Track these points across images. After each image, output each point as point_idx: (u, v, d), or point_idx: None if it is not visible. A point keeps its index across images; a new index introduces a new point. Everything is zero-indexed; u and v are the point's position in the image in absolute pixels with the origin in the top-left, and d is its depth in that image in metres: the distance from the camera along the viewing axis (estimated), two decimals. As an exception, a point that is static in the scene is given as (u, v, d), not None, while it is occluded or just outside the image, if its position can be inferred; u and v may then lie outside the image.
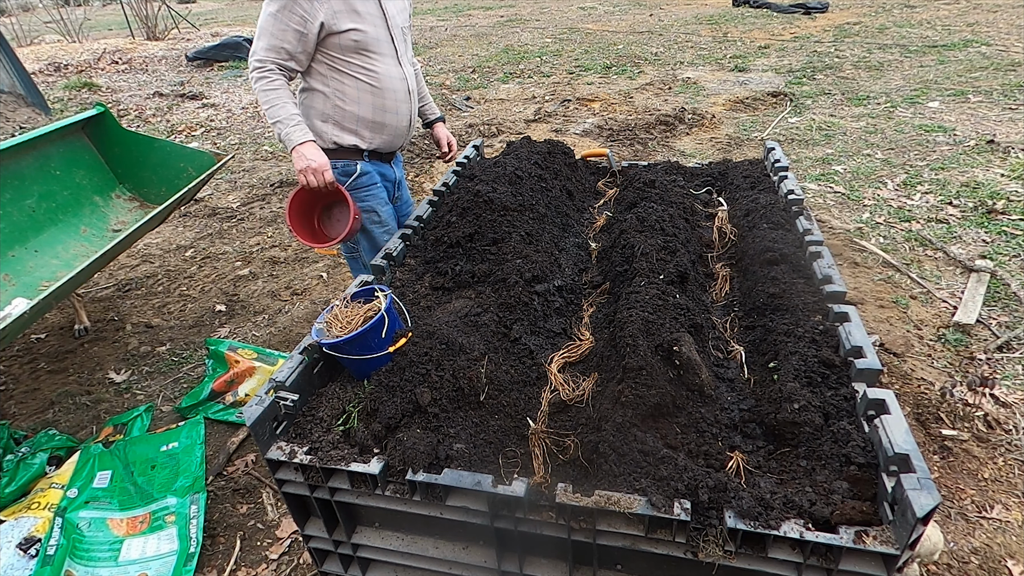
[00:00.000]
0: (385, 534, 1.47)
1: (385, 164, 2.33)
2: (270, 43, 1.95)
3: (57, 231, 3.23)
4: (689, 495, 1.15)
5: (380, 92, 2.11)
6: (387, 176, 2.36)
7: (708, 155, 5.14)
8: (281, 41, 1.95)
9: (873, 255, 3.49)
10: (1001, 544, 1.93)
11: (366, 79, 2.08)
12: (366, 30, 2.01)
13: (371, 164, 2.25)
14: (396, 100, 2.16)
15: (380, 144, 2.22)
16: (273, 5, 1.91)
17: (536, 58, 9.22)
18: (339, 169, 2.17)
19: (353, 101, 2.10)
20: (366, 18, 2.01)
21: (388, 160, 2.34)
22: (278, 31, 1.93)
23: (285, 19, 1.92)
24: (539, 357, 1.66)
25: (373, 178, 2.26)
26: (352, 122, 2.13)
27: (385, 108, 2.15)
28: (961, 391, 2.42)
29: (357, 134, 2.16)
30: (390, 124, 2.19)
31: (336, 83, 2.07)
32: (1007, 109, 5.43)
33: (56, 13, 13.26)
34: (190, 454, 2.37)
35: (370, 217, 2.28)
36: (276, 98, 1.99)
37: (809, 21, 10.33)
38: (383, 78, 2.10)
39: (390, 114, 2.17)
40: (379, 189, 2.30)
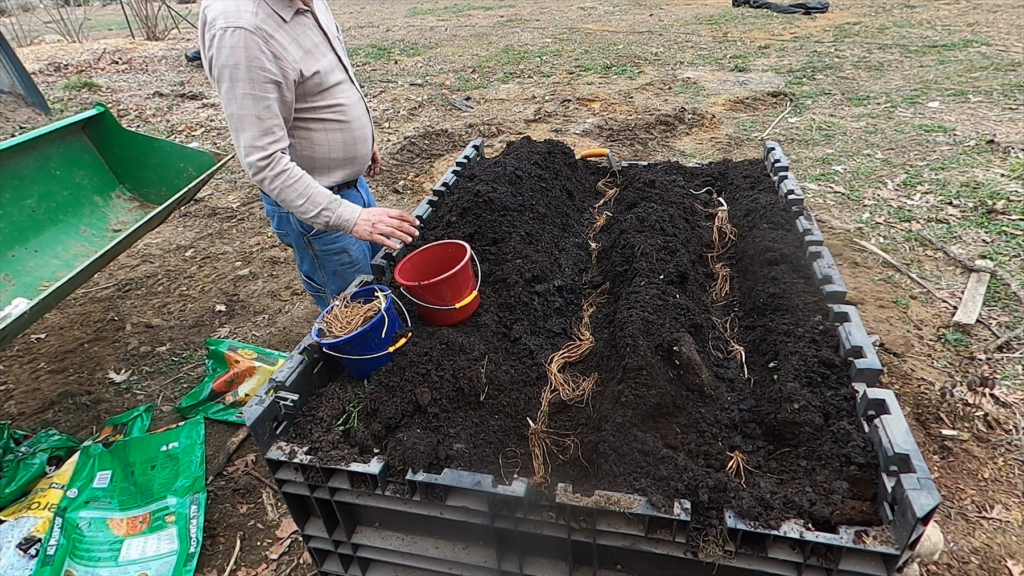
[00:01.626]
0: (385, 534, 1.47)
1: (353, 192, 2.11)
2: (262, 129, 1.65)
3: (57, 231, 3.23)
4: (689, 495, 1.15)
5: (348, 126, 1.90)
6: (357, 203, 2.06)
7: (708, 155, 5.14)
8: (271, 120, 1.66)
9: (873, 255, 3.49)
10: (1001, 544, 1.93)
11: (333, 117, 1.86)
12: (322, 65, 1.76)
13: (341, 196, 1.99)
14: (362, 125, 1.97)
15: (349, 176, 2.03)
16: (240, 86, 1.59)
17: (536, 58, 9.22)
18: None
19: (323, 147, 1.88)
20: (315, 51, 1.75)
21: (354, 185, 2.12)
22: (262, 111, 1.63)
23: (261, 93, 1.62)
24: (539, 357, 1.66)
25: None
26: (323, 166, 1.92)
27: (355, 140, 1.95)
28: (961, 391, 2.42)
29: (329, 176, 1.95)
30: (361, 154, 2.01)
31: (302, 135, 1.83)
32: (1007, 109, 5.43)
33: (56, 13, 13.26)
34: (190, 454, 2.37)
35: (340, 259, 2.07)
36: (307, 186, 1.75)
37: (809, 21, 10.33)
38: (348, 108, 1.89)
39: (360, 144, 1.98)
40: None
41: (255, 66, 1.58)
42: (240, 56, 1.56)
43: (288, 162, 1.73)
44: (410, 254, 1.82)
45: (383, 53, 10.27)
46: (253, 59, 1.57)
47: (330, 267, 2.08)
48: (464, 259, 1.65)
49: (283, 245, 4.23)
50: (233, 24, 1.55)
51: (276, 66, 1.62)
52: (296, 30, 1.69)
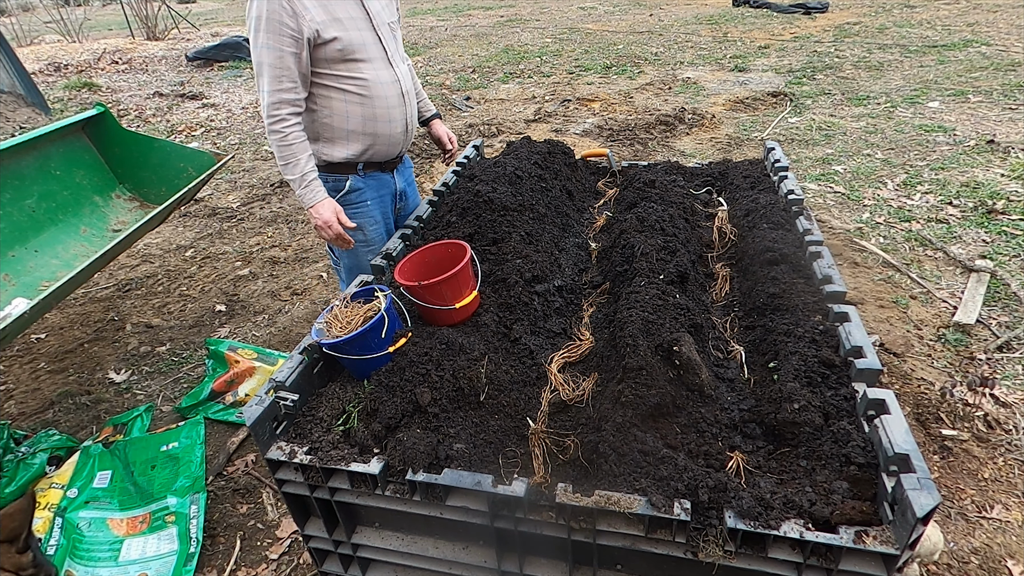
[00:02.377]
0: (385, 534, 1.47)
1: (385, 174, 2.19)
2: (274, 75, 1.82)
3: (57, 231, 3.23)
4: (689, 495, 1.15)
5: (370, 101, 1.98)
6: (386, 187, 2.21)
7: (708, 155, 5.14)
8: (283, 70, 1.82)
9: (873, 255, 3.49)
10: (1001, 544, 1.93)
11: (354, 89, 1.95)
12: (350, 35, 1.88)
13: (366, 178, 2.13)
14: (388, 107, 2.02)
15: (374, 155, 2.09)
16: (261, 36, 1.78)
17: (536, 58, 9.22)
18: (329, 185, 2.06)
19: (341, 115, 1.98)
20: (348, 23, 1.88)
21: (389, 169, 2.20)
22: (276, 60, 1.80)
23: (278, 45, 1.79)
24: (539, 357, 1.66)
25: (363, 195, 2.14)
26: (342, 136, 2.01)
27: (376, 117, 2.01)
28: (961, 391, 2.42)
29: (348, 147, 2.04)
30: (382, 133, 2.05)
31: (322, 99, 1.95)
32: (1007, 109, 5.43)
33: (56, 13, 13.26)
34: (190, 454, 2.37)
35: (354, 235, 2.11)
36: (290, 155, 1.90)
37: (809, 21, 10.33)
38: (372, 85, 1.97)
39: (381, 123, 2.03)
40: (370, 206, 2.17)
41: (274, 19, 1.75)
42: (263, 8, 1.75)
43: (294, 124, 1.88)
44: (410, 254, 1.82)
45: (383, 53, 10.26)
46: (273, 12, 1.75)
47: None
48: (464, 259, 1.65)
49: (283, 245, 4.23)
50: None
51: (295, 22, 1.77)
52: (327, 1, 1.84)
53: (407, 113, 2.10)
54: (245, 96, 8.23)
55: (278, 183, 5.27)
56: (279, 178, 5.38)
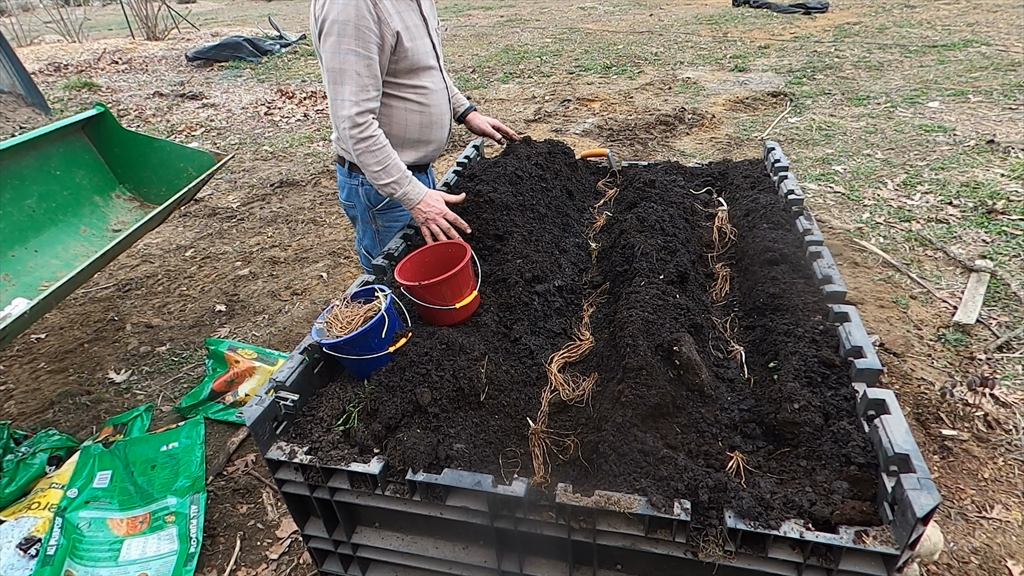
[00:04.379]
0: (385, 534, 1.47)
1: (421, 175, 2.20)
2: (360, 84, 1.76)
3: (57, 231, 3.23)
4: (689, 495, 1.15)
5: (427, 109, 1.99)
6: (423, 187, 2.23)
7: (708, 155, 5.14)
8: (370, 78, 1.77)
9: (873, 255, 3.49)
10: (1001, 544, 1.93)
11: (415, 97, 1.95)
12: (416, 45, 1.87)
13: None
14: (441, 113, 2.06)
15: (421, 159, 2.12)
16: (346, 42, 1.71)
17: (536, 58, 9.22)
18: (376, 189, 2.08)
19: (400, 124, 1.98)
20: (415, 31, 1.87)
21: (424, 171, 2.23)
22: (364, 68, 1.75)
23: (366, 52, 1.73)
24: (539, 357, 1.66)
25: None
26: (397, 144, 1.98)
27: (432, 124, 2.04)
28: (961, 391, 2.42)
29: (403, 155, 2.00)
30: (436, 139, 2.09)
31: (384, 107, 1.92)
32: (1007, 109, 5.43)
33: (56, 13, 13.26)
34: (190, 454, 2.37)
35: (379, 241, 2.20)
36: (386, 159, 1.84)
37: (809, 21, 10.33)
38: (431, 93, 1.98)
39: (436, 129, 2.07)
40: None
41: (362, 25, 1.70)
42: (351, 13, 1.69)
43: (377, 128, 1.83)
44: (411, 254, 1.82)
45: (383, 53, 10.26)
46: (361, 17, 1.70)
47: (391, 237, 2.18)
48: (464, 259, 1.65)
49: (283, 245, 4.23)
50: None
51: (379, 28, 1.75)
52: (400, 6, 1.82)
53: (448, 123, 2.15)
54: (245, 96, 8.23)
55: (278, 183, 5.27)
56: (279, 178, 5.38)
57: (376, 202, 2.12)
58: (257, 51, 10.57)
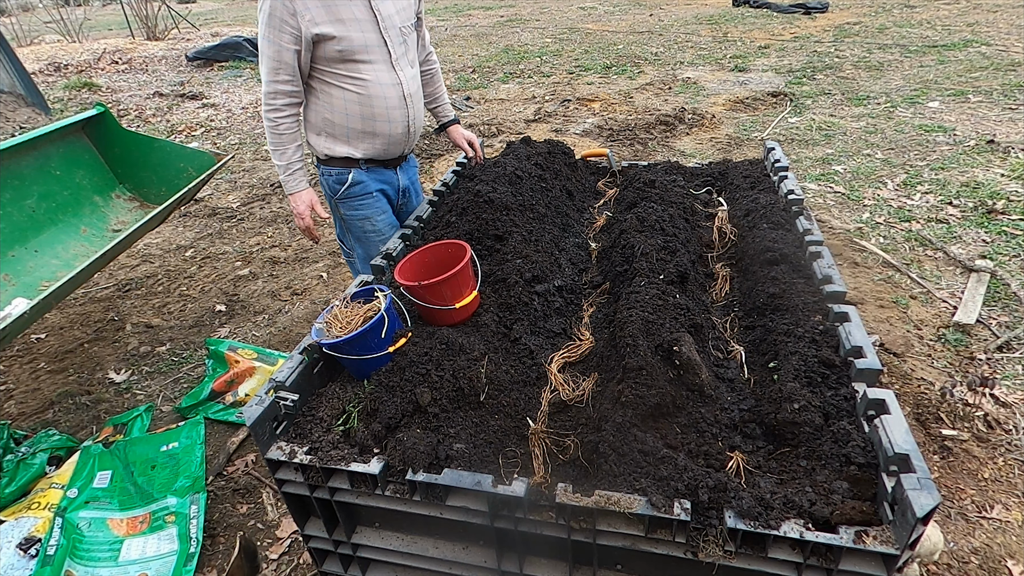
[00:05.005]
0: (385, 534, 1.47)
1: (388, 171, 2.25)
2: (271, 67, 1.93)
3: (57, 231, 3.23)
4: (689, 495, 1.15)
5: (368, 100, 2.03)
6: (389, 183, 2.28)
7: (708, 155, 5.14)
8: (280, 63, 1.92)
9: (873, 255, 3.49)
10: (1001, 544, 1.93)
11: (353, 88, 2.01)
12: (351, 37, 1.93)
13: (369, 172, 2.19)
14: (387, 107, 2.07)
15: (375, 152, 2.15)
16: (264, 28, 1.89)
17: (536, 58, 9.22)
18: (333, 178, 2.17)
19: (340, 112, 2.05)
20: (351, 24, 1.93)
21: (392, 166, 2.26)
22: (275, 53, 1.91)
23: (278, 40, 1.89)
24: (539, 357, 1.66)
25: (367, 187, 2.20)
26: (342, 133, 2.09)
27: (375, 117, 2.07)
28: (961, 391, 2.42)
29: (349, 144, 2.11)
30: (381, 132, 2.11)
31: (324, 95, 2.03)
32: (1007, 109, 5.43)
33: (56, 13, 13.26)
34: (190, 454, 2.37)
35: (363, 225, 2.24)
36: (279, 143, 2.04)
37: (809, 21, 10.33)
38: (372, 85, 2.02)
39: (380, 122, 2.08)
40: (375, 199, 2.23)
41: (275, 15, 1.85)
42: (267, 4, 1.86)
43: (287, 115, 2.01)
44: (410, 254, 1.82)
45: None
46: (275, 8, 1.85)
47: (355, 232, 2.28)
48: (464, 259, 1.65)
49: (283, 245, 4.23)
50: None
51: (295, 20, 1.86)
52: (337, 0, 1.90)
53: (409, 116, 2.14)
54: (245, 96, 8.23)
55: (278, 183, 5.27)
56: (279, 178, 5.37)
57: (334, 191, 2.19)
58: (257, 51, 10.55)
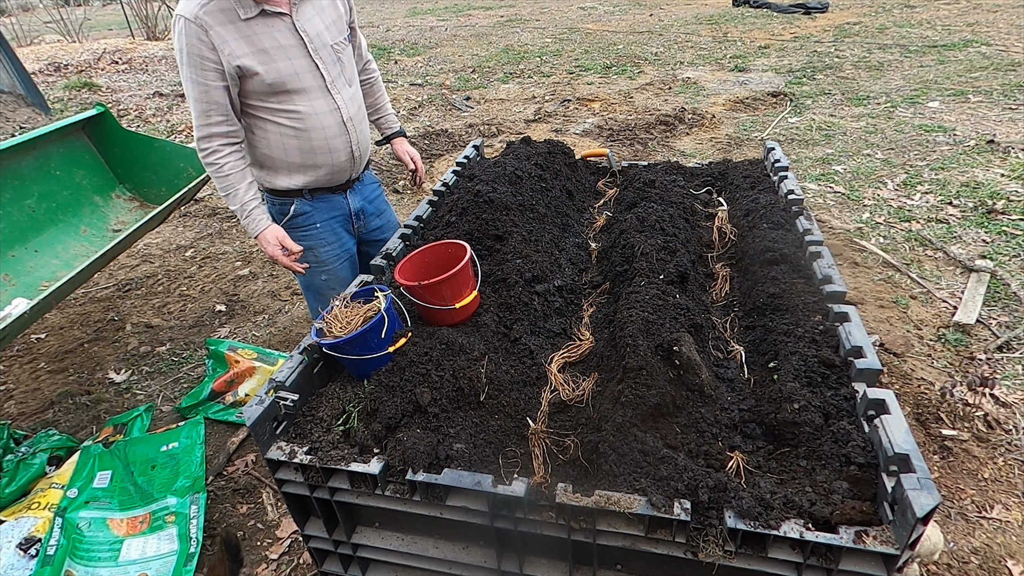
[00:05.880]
0: (385, 534, 1.47)
1: (336, 196, 2.09)
2: (201, 109, 1.77)
3: (57, 231, 3.23)
4: (689, 495, 1.15)
5: (306, 133, 1.88)
6: (337, 209, 2.11)
7: (708, 155, 5.14)
8: (210, 104, 1.76)
9: (873, 255, 3.49)
10: (1001, 544, 1.93)
11: (287, 122, 1.86)
12: (278, 68, 1.77)
13: (314, 202, 2.04)
14: (326, 137, 1.92)
15: (319, 182, 2.01)
16: (185, 70, 1.73)
17: (536, 58, 9.22)
18: (276, 208, 2.04)
19: (278, 147, 1.90)
20: (275, 53, 1.76)
21: (341, 191, 2.09)
22: (201, 94, 1.74)
23: (203, 79, 1.72)
24: (539, 357, 1.66)
25: (311, 218, 2.06)
26: (282, 166, 1.95)
27: (314, 150, 1.92)
28: (961, 391, 2.42)
29: (289, 176, 1.97)
30: (323, 164, 1.96)
31: (260, 131, 1.89)
32: (1007, 109, 5.43)
33: (56, 13, 13.26)
34: (190, 454, 2.37)
35: (306, 256, 2.07)
36: (227, 186, 1.86)
37: (809, 21, 10.33)
38: (307, 117, 1.86)
39: (321, 154, 1.94)
40: (319, 228, 2.09)
41: (194, 53, 1.69)
42: (183, 43, 1.70)
43: (228, 154, 1.83)
44: (410, 254, 1.82)
45: (383, 53, 10.27)
46: (192, 46, 1.68)
47: (301, 261, 2.08)
48: (464, 259, 1.65)
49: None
50: (179, 12, 1.70)
51: (215, 55, 1.69)
52: (256, 28, 1.73)
53: (351, 141, 1.99)
54: (245, 96, 8.22)
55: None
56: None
57: (279, 220, 2.03)
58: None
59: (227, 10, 1.68)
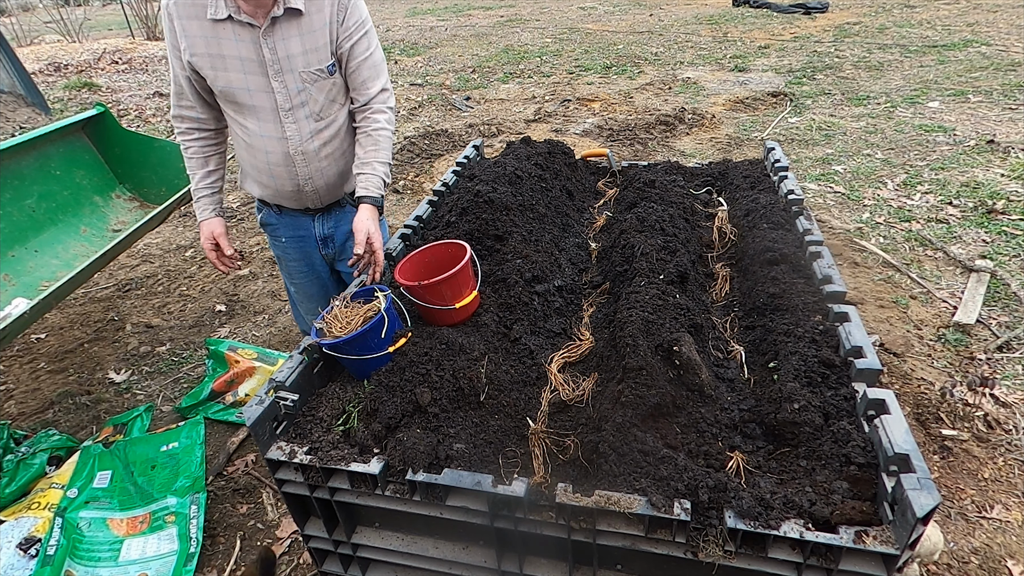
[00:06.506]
0: (385, 534, 1.47)
1: (304, 218, 1.99)
2: (175, 90, 1.78)
3: (57, 231, 3.23)
4: (689, 495, 1.15)
5: (252, 151, 1.81)
6: (304, 229, 2.01)
7: (708, 155, 5.14)
8: (179, 87, 1.76)
9: (873, 255, 3.49)
10: (1001, 544, 1.93)
11: (239, 132, 1.80)
12: (229, 77, 1.67)
13: (281, 216, 1.99)
14: (268, 163, 1.80)
15: (275, 197, 1.92)
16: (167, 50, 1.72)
17: (536, 58, 9.22)
18: (256, 207, 2.05)
19: (238, 154, 1.88)
20: (231, 63, 1.65)
21: (311, 214, 1.98)
22: (173, 77, 1.74)
23: (173, 63, 1.71)
24: (539, 357, 1.66)
25: (277, 231, 2.03)
26: (246, 174, 1.94)
27: (258, 169, 1.84)
28: (961, 391, 2.42)
29: (253, 186, 1.94)
30: (272, 186, 1.88)
31: (231, 130, 1.86)
32: (1007, 109, 5.43)
33: (56, 13, 13.25)
34: (190, 454, 2.37)
35: (280, 264, 2.11)
36: (189, 169, 1.87)
37: (809, 21, 10.33)
38: (253, 136, 1.77)
39: (266, 176, 1.85)
40: (285, 243, 2.05)
41: (167, 35, 1.69)
42: (164, 25, 1.70)
43: (193, 139, 1.86)
44: (410, 254, 1.82)
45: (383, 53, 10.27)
46: (167, 27, 1.68)
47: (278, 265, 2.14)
48: (464, 259, 1.65)
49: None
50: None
51: (179, 44, 1.67)
52: (221, 32, 1.63)
53: (298, 175, 1.83)
54: (245, 96, 8.22)
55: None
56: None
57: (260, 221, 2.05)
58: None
59: (198, 5, 1.62)
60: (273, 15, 1.60)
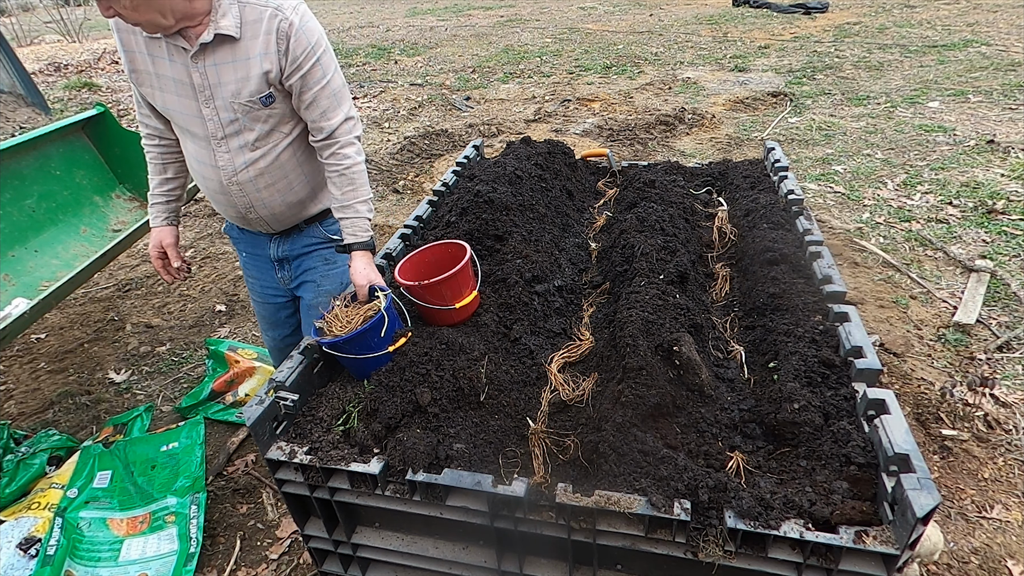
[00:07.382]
0: (385, 534, 1.47)
1: (261, 237, 1.87)
2: (136, 96, 1.70)
3: (57, 231, 3.23)
4: (689, 495, 1.15)
5: (195, 173, 1.74)
6: (260, 248, 1.90)
7: (708, 155, 5.14)
8: (137, 96, 1.68)
9: (873, 255, 3.49)
10: (1001, 544, 1.93)
11: (185, 152, 1.73)
12: (165, 99, 1.58)
13: (241, 232, 1.90)
14: (208, 190, 1.72)
15: (227, 216, 1.84)
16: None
17: (536, 58, 9.22)
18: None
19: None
20: (167, 84, 1.55)
21: (268, 234, 1.85)
22: (132, 87, 1.66)
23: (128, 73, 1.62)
24: (539, 357, 1.66)
25: (238, 244, 1.96)
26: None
27: (204, 189, 1.76)
28: (961, 391, 2.42)
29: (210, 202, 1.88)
30: (218, 207, 1.80)
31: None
32: (1007, 109, 5.43)
33: (56, 13, 13.26)
34: (190, 454, 2.37)
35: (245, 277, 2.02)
36: (148, 174, 1.81)
37: (809, 21, 10.33)
38: (192, 159, 1.69)
39: (210, 198, 1.78)
40: (245, 258, 1.98)
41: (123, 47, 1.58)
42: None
43: (152, 146, 1.79)
44: (410, 254, 1.82)
45: (383, 53, 10.28)
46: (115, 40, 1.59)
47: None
48: (464, 259, 1.65)
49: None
50: None
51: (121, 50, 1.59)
52: (155, 51, 1.54)
53: (237, 204, 1.70)
54: (245, 96, 8.21)
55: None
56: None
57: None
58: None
59: None
60: (203, 41, 1.45)
